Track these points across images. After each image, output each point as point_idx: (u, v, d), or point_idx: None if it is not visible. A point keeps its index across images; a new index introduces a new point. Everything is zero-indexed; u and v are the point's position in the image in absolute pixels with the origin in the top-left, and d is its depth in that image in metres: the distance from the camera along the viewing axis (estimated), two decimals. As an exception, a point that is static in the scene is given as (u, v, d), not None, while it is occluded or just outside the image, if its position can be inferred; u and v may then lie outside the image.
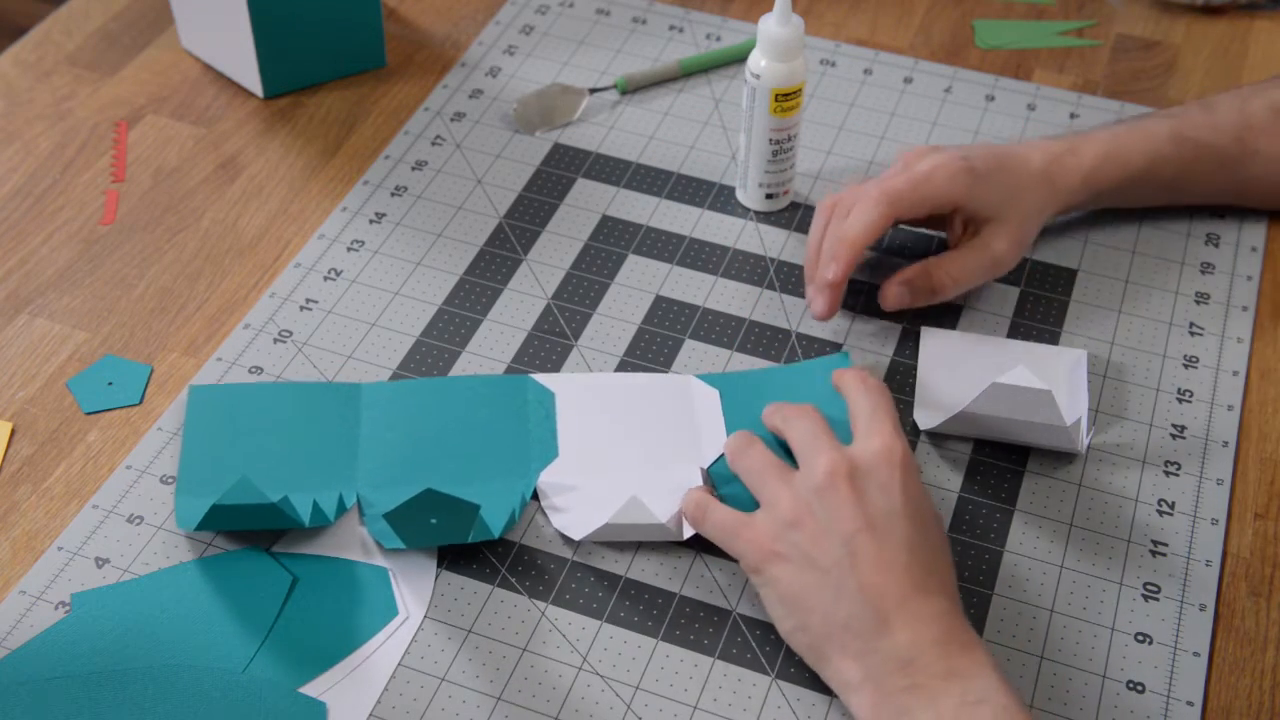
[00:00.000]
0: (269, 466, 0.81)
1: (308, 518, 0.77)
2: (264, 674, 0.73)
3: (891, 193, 0.86)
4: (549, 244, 0.96)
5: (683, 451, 0.82)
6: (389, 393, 0.85)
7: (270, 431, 0.83)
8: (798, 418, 0.78)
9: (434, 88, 1.09)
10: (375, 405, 0.84)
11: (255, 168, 1.02)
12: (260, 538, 0.79)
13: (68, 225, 0.98)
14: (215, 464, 0.81)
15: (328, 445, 0.82)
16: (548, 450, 0.82)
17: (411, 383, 0.86)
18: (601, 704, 0.72)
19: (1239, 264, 0.96)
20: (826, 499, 0.72)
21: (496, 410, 0.84)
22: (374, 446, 0.82)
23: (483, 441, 0.82)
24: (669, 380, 0.87)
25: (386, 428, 0.83)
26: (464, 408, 0.84)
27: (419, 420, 0.83)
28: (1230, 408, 0.87)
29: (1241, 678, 0.75)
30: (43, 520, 0.80)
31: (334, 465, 0.81)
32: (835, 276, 0.86)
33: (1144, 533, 0.80)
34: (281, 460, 0.81)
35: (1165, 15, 1.17)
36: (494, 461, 0.81)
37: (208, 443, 0.82)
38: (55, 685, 0.72)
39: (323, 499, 0.79)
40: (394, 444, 0.82)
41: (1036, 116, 1.07)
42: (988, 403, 0.80)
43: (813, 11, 1.17)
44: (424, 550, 0.78)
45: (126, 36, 1.13)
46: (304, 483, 0.80)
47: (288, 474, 0.80)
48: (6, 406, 0.86)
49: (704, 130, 1.05)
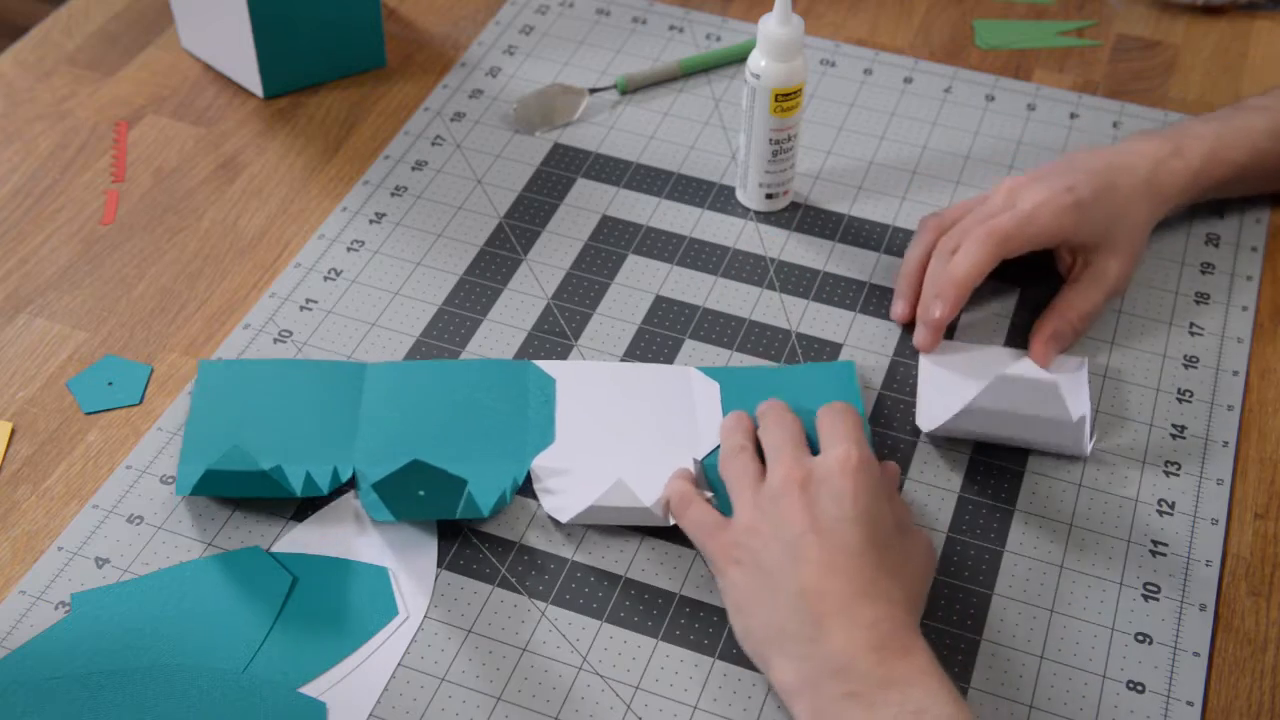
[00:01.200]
0: (268, 437, 0.82)
1: (300, 487, 0.79)
2: (264, 674, 0.73)
3: (999, 234, 0.86)
4: (549, 244, 0.96)
5: (679, 441, 0.82)
6: (393, 373, 0.86)
7: (273, 405, 0.84)
8: (774, 426, 0.79)
9: (434, 88, 1.09)
10: (378, 384, 0.85)
11: (255, 168, 1.02)
12: (260, 538, 0.79)
13: (68, 225, 0.98)
14: (217, 434, 0.82)
15: (328, 420, 0.83)
16: (545, 435, 0.83)
17: (415, 364, 0.87)
18: (601, 704, 0.72)
19: (1239, 264, 0.96)
20: (779, 504, 0.74)
21: (497, 394, 0.85)
22: (373, 423, 0.83)
23: (481, 423, 0.83)
24: (670, 371, 0.87)
25: (387, 406, 0.84)
26: (465, 390, 0.85)
27: (420, 400, 0.84)
28: (1230, 408, 0.87)
29: (1241, 678, 0.75)
30: (43, 520, 0.80)
31: (332, 439, 0.82)
32: (942, 317, 0.86)
33: (1144, 533, 0.80)
34: (281, 432, 0.82)
35: (1165, 15, 1.17)
36: (490, 443, 0.82)
37: (212, 414, 0.84)
38: (55, 685, 0.72)
39: (316, 470, 0.80)
40: (393, 422, 0.83)
41: (1036, 116, 1.07)
42: (992, 397, 0.79)
43: (813, 11, 1.17)
44: (424, 550, 0.78)
45: (126, 36, 1.13)
46: (300, 454, 0.81)
47: (285, 445, 0.82)
48: (6, 406, 0.86)
49: (704, 130, 1.05)
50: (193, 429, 0.83)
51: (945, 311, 0.86)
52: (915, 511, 0.81)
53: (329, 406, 0.84)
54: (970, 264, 0.86)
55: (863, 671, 0.67)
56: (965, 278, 0.85)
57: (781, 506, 0.73)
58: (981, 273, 0.86)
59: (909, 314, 0.90)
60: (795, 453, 0.76)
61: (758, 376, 0.87)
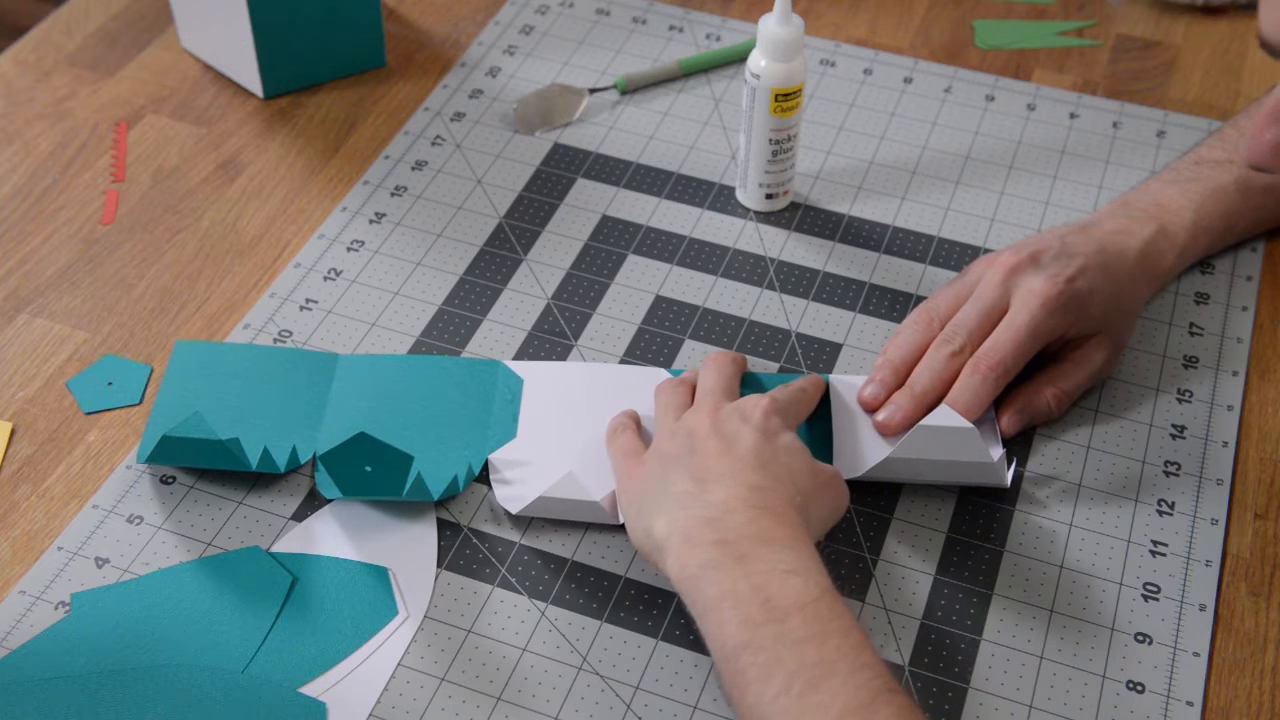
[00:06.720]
0: (232, 414, 0.83)
1: (255, 462, 0.80)
2: (264, 674, 0.73)
3: (1000, 366, 0.82)
4: (549, 244, 0.96)
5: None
6: (364, 364, 0.87)
7: (242, 386, 0.85)
8: (706, 371, 0.82)
9: (434, 88, 1.09)
10: (348, 374, 0.87)
11: (255, 168, 1.02)
12: (260, 538, 0.79)
13: (68, 225, 0.98)
14: (183, 408, 0.83)
15: (294, 403, 0.84)
16: (507, 431, 0.84)
17: (387, 357, 0.88)
18: (601, 704, 0.72)
19: (1239, 264, 0.96)
20: (687, 422, 0.77)
21: (465, 390, 0.86)
22: (339, 410, 0.84)
23: (445, 417, 0.84)
24: (640, 372, 0.87)
25: (355, 395, 0.85)
26: (433, 385, 0.86)
27: (387, 391, 0.85)
28: (1230, 408, 0.87)
29: (1241, 678, 0.75)
30: (43, 520, 0.80)
31: (296, 421, 0.84)
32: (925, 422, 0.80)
33: (1144, 533, 0.80)
34: (246, 410, 0.84)
35: (1165, 15, 1.17)
36: (450, 433, 0.83)
37: (181, 390, 0.85)
38: (55, 685, 0.72)
39: (275, 448, 0.81)
40: (358, 410, 0.84)
41: (1036, 116, 1.07)
42: (912, 447, 0.78)
43: (813, 11, 1.17)
44: (424, 550, 0.78)
45: (126, 36, 1.13)
46: (261, 431, 0.82)
47: (248, 422, 0.83)
48: (6, 406, 0.86)
49: (704, 130, 1.05)
50: (161, 403, 0.84)
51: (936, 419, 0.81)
52: (915, 511, 0.81)
53: (297, 391, 0.85)
54: (972, 398, 0.82)
55: (737, 524, 0.69)
56: (965, 412, 0.81)
57: (689, 422, 0.77)
58: (983, 406, 0.82)
59: (881, 402, 0.84)
60: (717, 398, 0.79)
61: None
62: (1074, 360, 0.85)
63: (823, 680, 0.63)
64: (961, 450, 0.78)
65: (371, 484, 0.78)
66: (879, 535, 0.80)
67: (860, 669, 0.64)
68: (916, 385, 0.83)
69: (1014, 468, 0.82)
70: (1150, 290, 0.90)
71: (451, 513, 0.80)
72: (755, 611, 0.66)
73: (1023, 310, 0.83)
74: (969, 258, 0.96)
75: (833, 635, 0.65)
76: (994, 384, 0.82)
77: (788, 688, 0.64)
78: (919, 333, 0.86)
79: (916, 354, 0.85)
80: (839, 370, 0.88)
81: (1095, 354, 0.86)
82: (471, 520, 0.80)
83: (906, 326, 0.86)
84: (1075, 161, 1.03)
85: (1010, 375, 0.83)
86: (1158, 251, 0.89)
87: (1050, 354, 0.86)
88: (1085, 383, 0.85)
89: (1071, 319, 0.84)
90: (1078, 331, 0.85)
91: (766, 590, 0.66)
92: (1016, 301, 0.84)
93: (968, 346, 0.83)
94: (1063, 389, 0.84)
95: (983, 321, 0.84)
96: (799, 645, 0.64)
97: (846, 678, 0.63)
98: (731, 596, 0.67)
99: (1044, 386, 0.84)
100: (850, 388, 0.85)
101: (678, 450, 0.75)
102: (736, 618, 0.66)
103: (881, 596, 0.77)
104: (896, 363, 0.85)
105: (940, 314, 0.86)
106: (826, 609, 0.66)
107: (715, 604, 0.67)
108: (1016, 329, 0.83)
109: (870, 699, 0.63)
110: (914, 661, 0.74)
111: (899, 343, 0.86)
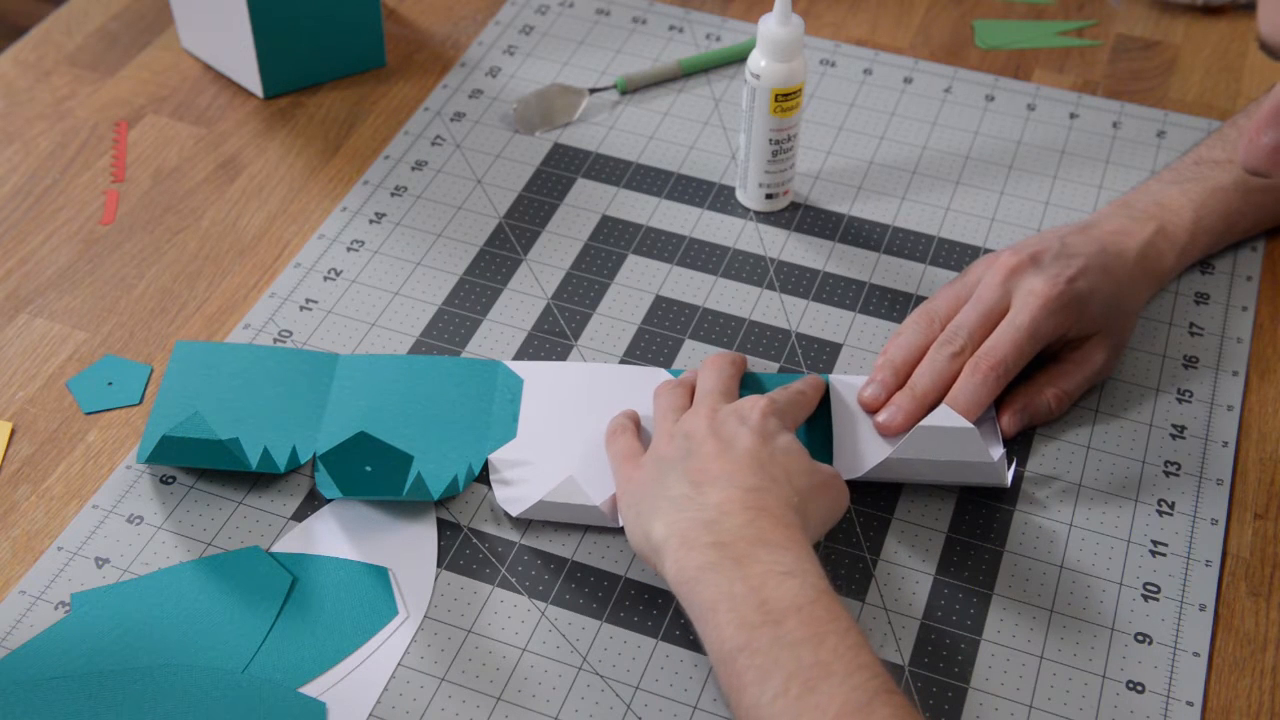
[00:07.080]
0: (232, 414, 0.83)
1: (255, 462, 0.80)
2: (264, 674, 0.73)
3: (1000, 368, 0.82)
4: (549, 244, 0.96)
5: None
6: (363, 365, 0.87)
7: (242, 386, 0.85)
8: (705, 373, 0.82)
9: (434, 88, 1.09)
10: (348, 374, 0.86)
11: (255, 168, 1.02)
12: (260, 538, 0.79)
13: (68, 225, 0.98)
14: (183, 408, 0.83)
15: (295, 403, 0.84)
16: (507, 431, 0.84)
17: (387, 357, 0.88)
18: (601, 704, 0.72)
19: (1239, 265, 0.96)
20: (685, 424, 0.77)
21: (464, 390, 0.86)
22: (339, 410, 0.84)
23: (445, 417, 0.84)
24: (640, 372, 0.87)
25: (355, 395, 0.85)
26: (433, 385, 0.86)
27: (387, 391, 0.85)
28: (1230, 408, 0.87)
29: (1241, 678, 0.75)
30: (43, 520, 0.80)
31: (296, 421, 0.83)
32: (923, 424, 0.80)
33: (1144, 532, 0.80)
34: (246, 410, 0.84)
35: (1165, 15, 1.17)
36: (451, 434, 0.83)
37: (181, 391, 0.85)
38: (55, 685, 0.72)
39: (275, 448, 0.81)
40: (359, 410, 0.84)
41: (1036, 116, 1.07)
42: (913, 447, 0.78)
43: (813, 11, 1.17)
44: (424, 550, 0.78)
45: (126, 36, 1.13)
46: (261, 431, 0.82)
47: (247, 422, 0.83)
48: (6, 406, 0.86)
49: (704, 130, 1.05)
50: (161, 403, 0.84)
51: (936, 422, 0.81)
52: (915, 511, 0.81)
53: (297, 391, 0.85)
54: (972, 399, 0.82)
55: (734, 526, 0.69)
56: (966, 412, 0.81)
57: (687, 425, 0.77)
58: (983, 406, 0.82)
59: (882, 403, 0.84)
60: (716, 400, 0.79)
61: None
62: (1074, 360, 0.85)
63: (820, 682, 0.63)
64: (962, 450, 0.78)
65: (371, 484, 0.78)
66: (879, 535, 0.80)
67: (857, 670, 0.64)
68: (917, 386, 0.83)
69: (1014, 468, 0.82)
70: (1150, 290, 0.90)
71: (451, 513, 0.80)
72: (752, 613, 0.66)
73: (1023, 311, 0.83)
74: (969, 258, 0.96)
75: (829, 636, 0.65)
76: (994, 384, 0.82)
77: (785, 690, 0.64)
78: (919, 333, 0.86)
79: (917, 354, 0.85)
80: (839, 370, 0.89)
81: (1095, 354, 0.86)
82: (471, 520, 0.80)
83: (907, 327, 0.86)
84: (1075, 161, 1.03)
85: (1010, 375, 0.83)
86: (1158, 252, 0.89)
87: (1050, 354, 0.86)
88: (1085, 383, 0.85)
89: (1072, 319, 0.84)
90: (1078, 332, 0.85)
91: (763, 592, 0.66)
92: (1017, 302, 0.84)
93: (968, 347, 0.83)
94: (1063, 389, 0.84)
95: (983, 322, 0.84)
96: (796, 647, 0.65)
97: (843, 679, 0.63)
98: (728, 598, 0.67)
99: (1044, 387, 0.85)
100: (850, 388, 0.85)
101: (675, 453, 0.75)
102: (733, 620, 0.66)
103: (881, 596, 0.77)
104: (897, 363, 0.85)
105: (940, 314, 0.86)
106: (823, 610, 0.66)
107: (712, 606, 0.67)
108: (1017, 329, 0.83)
109: (868, 700, 0.63)
110: (914, 661, 0.74)
111: (899, 343, 0.86)
